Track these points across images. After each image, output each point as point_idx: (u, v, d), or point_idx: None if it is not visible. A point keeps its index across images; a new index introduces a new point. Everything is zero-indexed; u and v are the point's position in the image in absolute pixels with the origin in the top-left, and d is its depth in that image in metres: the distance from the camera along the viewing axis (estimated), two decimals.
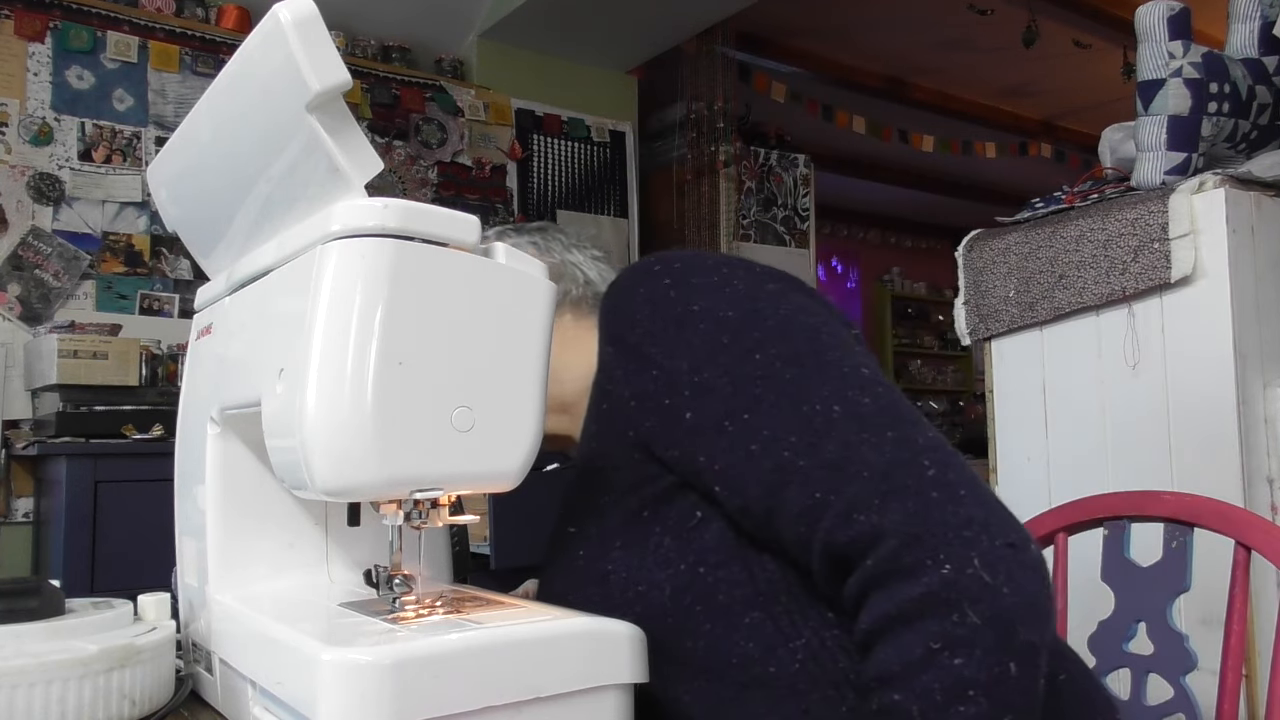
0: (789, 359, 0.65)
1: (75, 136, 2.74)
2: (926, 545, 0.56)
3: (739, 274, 0.72)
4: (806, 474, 0.61)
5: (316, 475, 0.58)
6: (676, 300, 0.70)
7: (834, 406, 0.62)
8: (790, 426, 0.62)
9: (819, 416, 0.62)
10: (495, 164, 3.50)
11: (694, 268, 0.72)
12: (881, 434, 0.61)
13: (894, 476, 0.58)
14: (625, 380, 0.72)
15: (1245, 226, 1.52)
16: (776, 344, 0.66)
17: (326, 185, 0.63)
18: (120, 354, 2.38)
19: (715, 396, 0.66)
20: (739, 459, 0.64)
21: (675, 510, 0.70)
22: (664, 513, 0.70)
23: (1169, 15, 1.59)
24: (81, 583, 2.07)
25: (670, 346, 0.69)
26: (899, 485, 0.58)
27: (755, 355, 0.66)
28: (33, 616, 0.64)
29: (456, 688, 0.54)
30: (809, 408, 0.63)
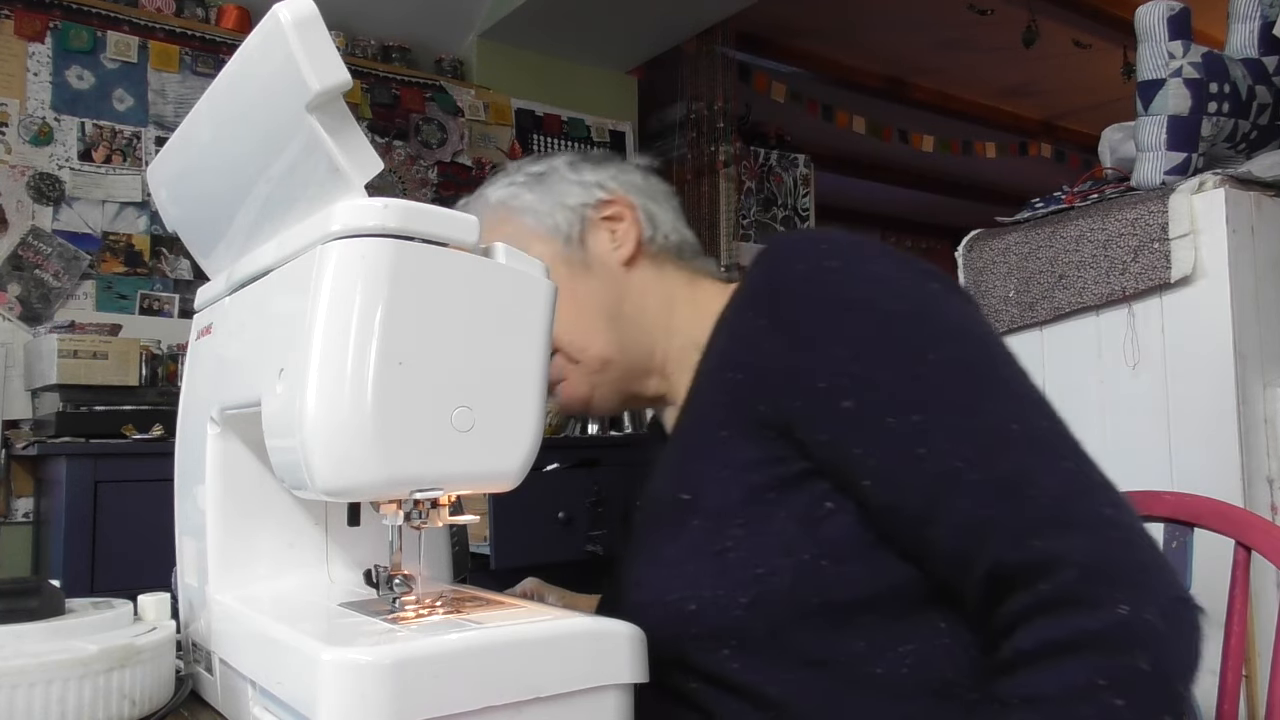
0: (963, 366, 0.64)
1: (75, 136, 2.74)
2: (1107, 581, 0.56)
3: (904, 268, 0.70)
4: (978, 489, 0.60)
5: (316, 475, 0.58)
6: (842, 283, 0.69)
7: (1011, 424, 0.62)
8: (963, 436, 0.62)
9: (994, 432, 0.61)
10: (495, 164, 3.50)
11: (860, 253, 0.71)
12: (1058, 461, 0.60)
13: (1072, 507, 0.58)
14: (773, 355, 0.70)
15: (1245, 226, 1.52)
16: (949, 348, 0.65)
17: (326, 185, 0.63)
18: (120, 354, 2.38)
19: (880, 390, 0.65)
20: (902, 459, 0.63)
21: (804, 497, 0.68)
22: (791, 498, 0.69)
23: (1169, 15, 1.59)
24: (81, 583, 2.07)
25: (831, 330, 0.67)
26: (1078, 517, 0.58)
27: (928, 355, 0.64)
28: (33, 616, 0.64)
29: (456, 688, 0.54)
30: (984, 421, 0.62)
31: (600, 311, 0.85)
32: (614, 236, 0.87)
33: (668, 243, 0.89)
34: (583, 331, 0.84)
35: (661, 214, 0.89)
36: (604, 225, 0.87)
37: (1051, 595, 0.57)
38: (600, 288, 0.85)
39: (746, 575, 0.67)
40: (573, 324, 0.83)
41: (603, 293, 0.85)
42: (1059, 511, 0.58)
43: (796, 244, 0.74)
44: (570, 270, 0.84)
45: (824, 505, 0.68)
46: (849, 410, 0.65)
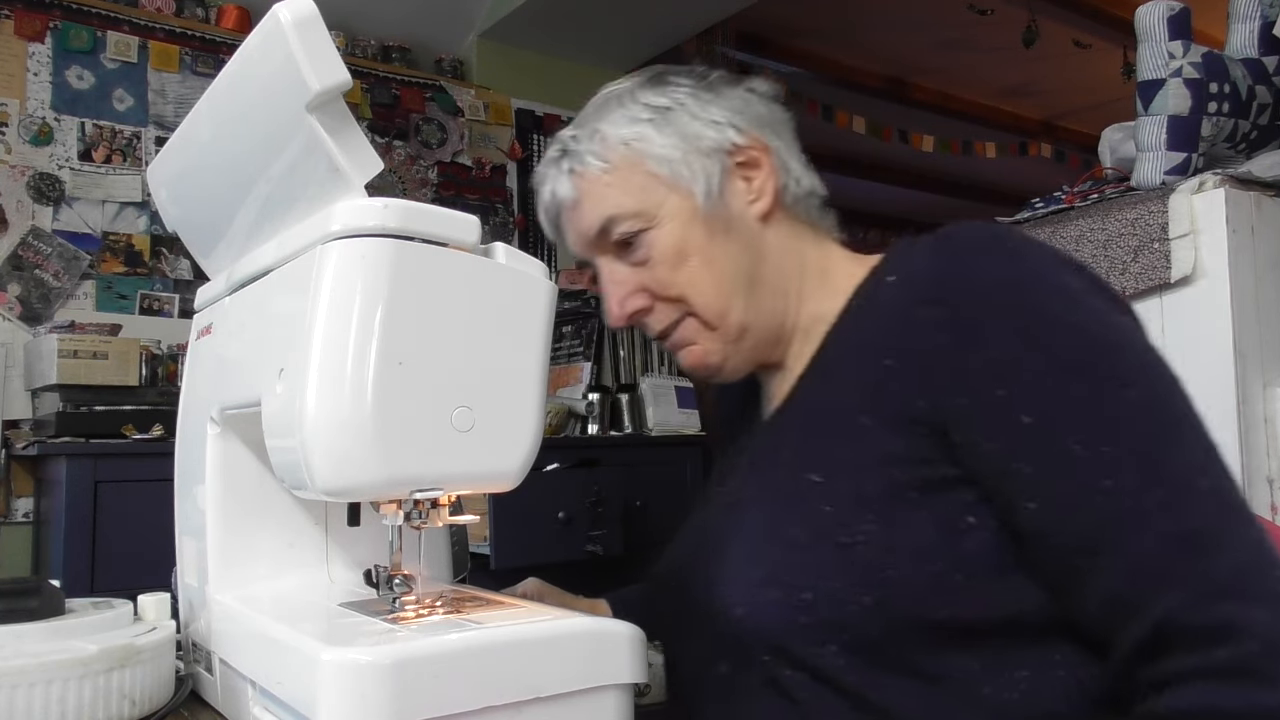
0: (1160, 407, 0.61)
1: (75, 136, 2.74)
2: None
3: (1093, 288, 0.67)
4: (1162, 536, 0.57)
5: (316, 475, 0.58)
6: (1034, 292, 0.64)
7: (1200, 477, 0.59)
8: (1154, 480, 0.59)
9: (1184, 482, 0.59)
10: (495, 164, 3.50)
11: (1051, 262, 0.67)
12: (1244, 527, 0.58)
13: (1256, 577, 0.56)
14: (944, 351, 0.65)
15: (1245, 226, 1.52)
16: (1147, 385, 0.62)
17: (326, 185, 0.63)
18: (120, 354, 2.38)
19: (1069, 413, 0.61)
20: (1081, 489, 0.60)
21: (945, 504, 0.65)
22: (932, 502, 0.65)
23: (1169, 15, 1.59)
24: (81, 583, 2.07)
25: (1019, 339, 0.63)
26: (1263, 590, 0.56)
27: (1128, 389, 0.61)
28: (33, 616, 0.65)
29: (456, 688, 0.54)
30: (1175, 468, 0.59)
31: (739, 275, 0.77)
32: (750, 187, 0.78)
33: (799, 190, 0.81)
34: (722, 297, 0.77)
35: (791, 156, 0.81)
36: (739, 173, 0.78)
37: (1227, 663, 0.55)
38: (739, 249, 0.78)
39: (874, 575, 0.64)
40: (712, 289, 0.77)
41: (742, 255, 0.78)
42: (1244, 580, 0.56)
43: (982, 238, 0.68)
44: (708, 230, 0.77)
45: (966, 518, 0.64)
46: (1028, 426, 0.61)
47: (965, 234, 0.69)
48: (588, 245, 0.80)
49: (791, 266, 0.80)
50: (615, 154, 0.77)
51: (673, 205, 0.76)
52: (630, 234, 0.77)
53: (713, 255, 0.77)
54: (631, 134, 0.77)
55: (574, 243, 0.82)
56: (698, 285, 0.77)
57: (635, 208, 0.76)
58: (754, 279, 0.78)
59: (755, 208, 0.78)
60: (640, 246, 0.77)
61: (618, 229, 0.77)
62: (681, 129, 0.77)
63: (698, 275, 0.77)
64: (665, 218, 0.76)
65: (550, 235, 0.84)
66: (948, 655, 0.63)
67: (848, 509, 0.66)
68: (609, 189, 0.77)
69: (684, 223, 0.76)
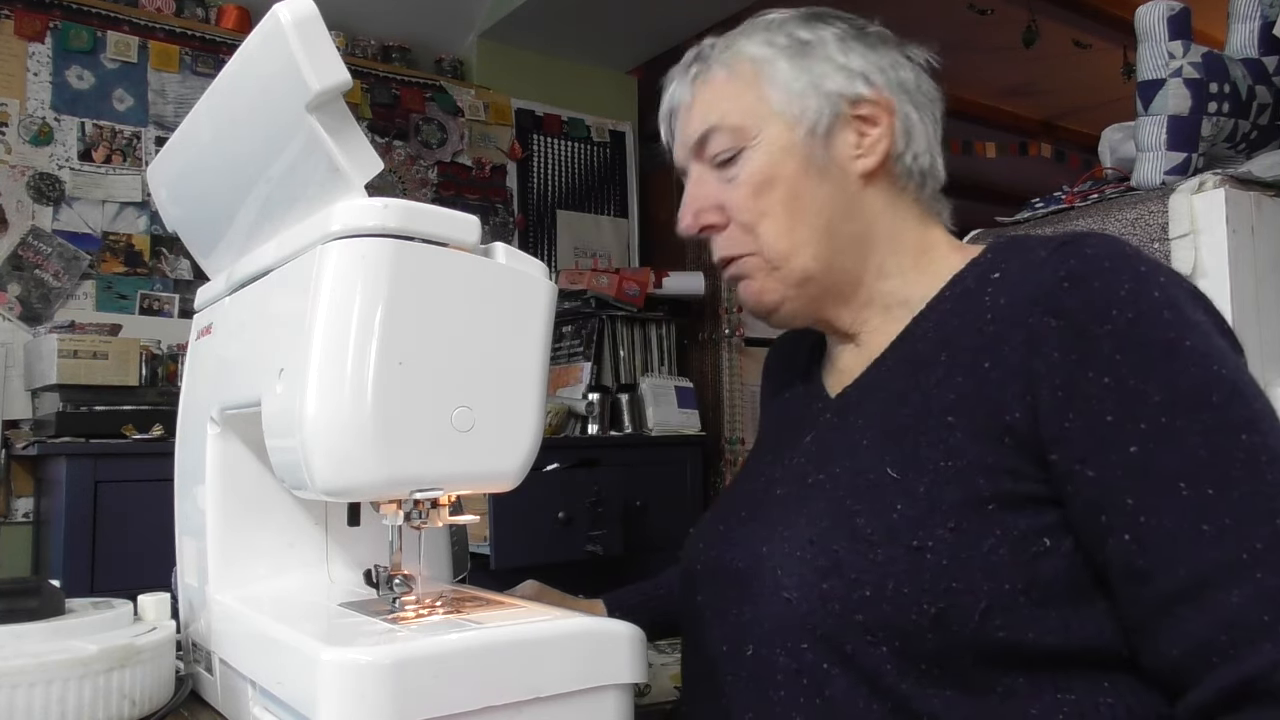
0: (1271, 458, 0.59)
1: (75, 136, 2.74)
2: None
3: (1217, 324, 0.65)
4: (1262, 588, 0.55)
5: (316, 475, 0.58)
6: (1170, 323, 0.62)
7: None
8: (1260, 531, 0.57)
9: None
10: (495, 164, 3.50)
11: (1179, 292, 0.64)
12: None
13: None
14: (1057, 364, 0.62)
15: (1245, 226, 1.52)
16: (1260, 434, 0.59)
17: (326, 185, 0.63)
18: (120, 354, 2.38)
19: (1182, 451, 0.59)
20: (1180, 528, 0.58)
21: (1024, 523, 0.62)
22: (1012, 519, 0.62)
23: (1169, 15, 1.59)
24: (81, 583, 2.07)
25: (1147, 368, 0.60)
26: None
27: (1243, 436, 0.59)
28: (33, 616, 0.64)
29: (456, 688, 0.54)
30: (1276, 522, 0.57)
31: (819, 221, 0.76)
32: (860, 142, 0.77)
33: (915, 164, 0.79)
34: (792, 238, 0.75)
35: (919, 128, 0.79)
36: (854, 125, 0.77)
37: None
38: (828, 196, 0.76)
39: (940, 584, 0.61)
40: (784, 227, 0.75)
41: (828, 203, 0.76)
42: None
43: (1114, 254, 0.65)
44: (802, 167, 0.75)
45: (1042, 540, 0.62)
46: (1135, 456, 0.59)
47: (1093, 246, 0.66)
48: (687, 152, 0.80)
49: (881, 234, 0.78)
50: (739, 68, 0.77)
51: (773, 133, 0.76)
52: (726, 151, 0.77)
53: (798, 192, 0.75)
54: (762, 55, 0.77)
55: (677, 149, 0.82)
56: (772, 218, 0.76)
57: (738, 123, 0.76)
58: (832, 231, 0.76)
59: (859, 163, 0.77)
60: (733, 165, 0.77)
61: (714, 141, 0.77)
62: (811, 65, 0.76)
63: (776, 208, 0.76)
64: (763, 142, 0.76)
65: (665, 140, 0.85)
66: (998, 672, 0.61)
67: (923, 512, 0.63)
68: (720, 100, 0.77)
69: (779, 151, 0.76)
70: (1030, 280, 0.66)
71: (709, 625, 0.73)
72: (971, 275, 0.73)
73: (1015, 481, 0.63)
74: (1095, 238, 0.67)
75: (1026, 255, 0.69)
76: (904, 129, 0.78)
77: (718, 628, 0.71)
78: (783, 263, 0.76)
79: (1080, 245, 0.66)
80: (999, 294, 0.68)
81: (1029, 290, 0.66)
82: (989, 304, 0.68)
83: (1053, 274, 0.65)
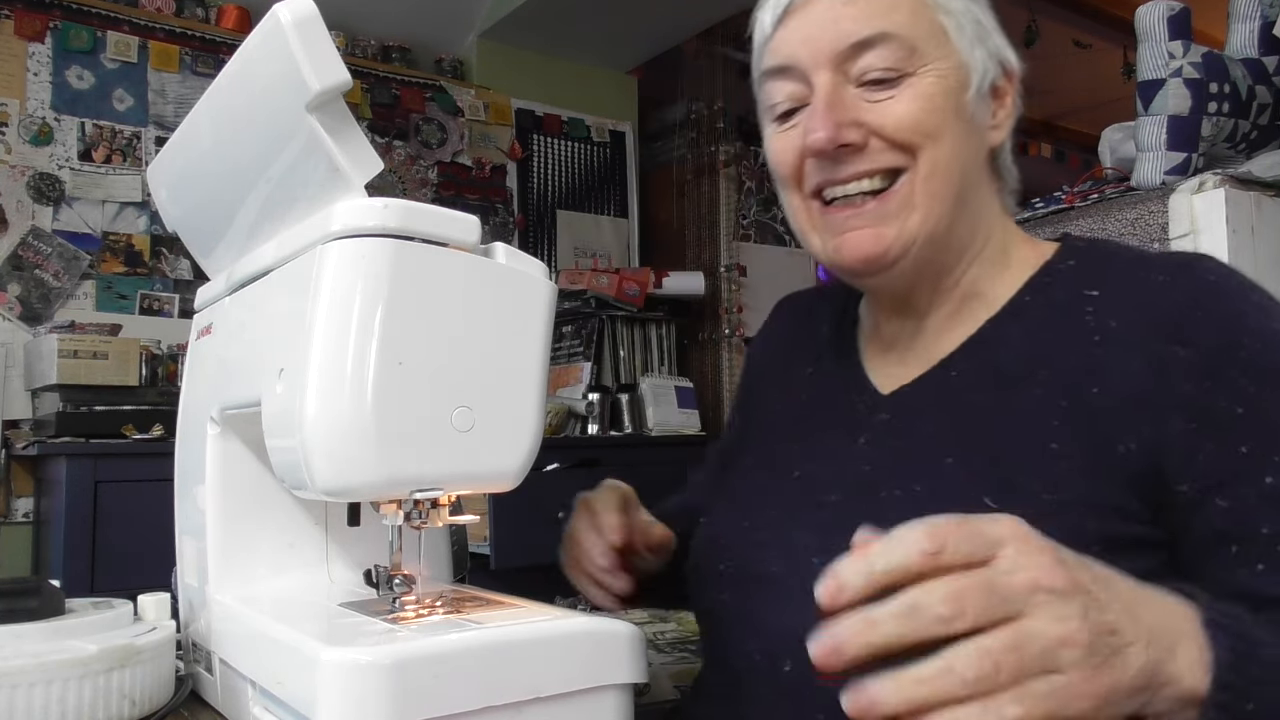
0: None
1: (75, 136, 2.74)
2: None
3: None
4: None
5: (316, 475, 0.58)
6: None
7: None
8: None
9: None
10: (495, 164, 3.50)
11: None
12: None
13: None
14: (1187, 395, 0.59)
15: (1245, 226, 1.52)
16: None
17: (326, 185, 0.63)
18: (120, 354, 2.38)
19: None
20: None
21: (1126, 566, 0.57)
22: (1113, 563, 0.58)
23: (1169, 15, 1.59)
24: (81, 583, 2.07)
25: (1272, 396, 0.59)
26: None
27: None
28: (33, 616, 0.64)
29: (456, 688, 0.54)
30: None
31: (959, 180, 0.68)
32: (996, 113, 0.71)
33: (1005, 162, 0.74)
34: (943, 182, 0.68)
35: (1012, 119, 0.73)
36: (991, 96, 0.71)
37: None
38: (971, 157, 0.69)
39: None
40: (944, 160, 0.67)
41: (970, 164, 0.69)
42: None
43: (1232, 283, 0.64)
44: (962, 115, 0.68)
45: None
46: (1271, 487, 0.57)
47: (1213, 272, 0.64)
48: (825, 55, 0.67)
49: (984, 215, 0.72)
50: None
51: (945, 67, 0.67)
52: (887, 70, 0.66)
53: (958, 134, 0.68)
54: None
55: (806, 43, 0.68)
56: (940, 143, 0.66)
57: (914, 41, 0.66)
58: (963, 197, 0.69)
59: (991, 135, 0.71)
60: (889, 87, 0.67)
61: (879, 52, 0.66)
62: (981, 16, 0.71)
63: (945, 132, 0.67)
64: (931, 73, 0.67)
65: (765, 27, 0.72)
66: None
67: None
68: (895, 8, 0.67)
69: (948, 89, 0.67)
70: (1149, 305, 0.63)
71: (735, 629, 0.69)
72: (1059, 285, 0.69)
73: (1123, 521, 0.59)
74: (1211, 262, 0.65)
75: (1137, 275, 0.65)
76: (1015, 114, 0.73)
77: (748, 635, 0.67)
78: (929, 204, 0.67)
79: (1201, 271, 0.64)
80: (1106, 314, 0.64)
81: (1151, 315, 0.62)
82: (1093, 323, 0.64)
83: (1177, 301, 0.62)
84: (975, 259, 0.72)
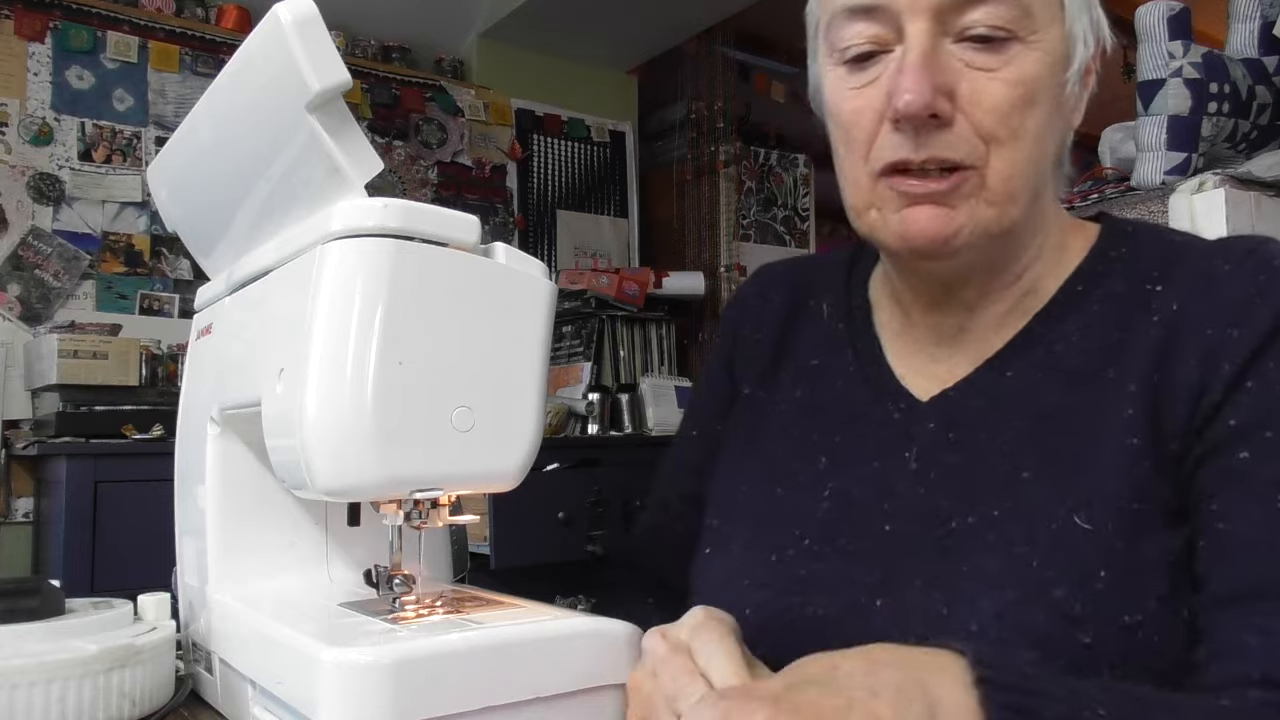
0: None
1: (75, 136, 2.74)
2: None
3: None
4: None
5: (316, 475, 0.58)
6: None
7: None
8: None
9: None
10: (495, 164, 3.50)
11: None
12: None
13: None
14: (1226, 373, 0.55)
15: (1245, 226, 1.52)
16: None
17: (326, 185, 0.63)
18: (120, 354, 2.38)
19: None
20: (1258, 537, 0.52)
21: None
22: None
23: (1169, 15, 1.59)
24: (81, 583, 2.07)
25: None
26: None
27: None
28: (33, 616, 0.64)
29: (456, 688, 0.54)
30: None
31: (1043, 168, 0.62)
32: (1082, 95, 0.65)
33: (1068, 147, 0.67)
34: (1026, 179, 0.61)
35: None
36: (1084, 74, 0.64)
37: None
38: (1057, 143, 0.63)
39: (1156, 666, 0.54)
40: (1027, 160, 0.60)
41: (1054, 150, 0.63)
42: None
43: None
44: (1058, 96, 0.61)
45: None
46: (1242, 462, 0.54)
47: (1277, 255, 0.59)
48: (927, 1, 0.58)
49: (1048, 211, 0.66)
50: None
51: (1054, 37, 0.59)
52: (999, 29, 0.58)
53: (1047, 125, 0.60)
54: None
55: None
56: (1023, 143, 0.59)
57: (1031, 2, 0.58)
58: (1041, 190, 0.63)
59: (1074, 118, 0.65)
60: (998, 51, 0.58)
61: (994, 9, 0.58)
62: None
63: (1030, 133, 0.59)
64: (1042, 42, 0.59)
65: None
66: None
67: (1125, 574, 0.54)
68: None
69: (1053, 66, 0.60)
70: (1215, 293, 0.59)
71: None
72: (1116, 274, 0.64)
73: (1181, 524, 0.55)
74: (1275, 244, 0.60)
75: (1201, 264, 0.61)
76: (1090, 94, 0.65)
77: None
78: (1004, 203, 0.60)
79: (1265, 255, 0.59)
80: (1171, 305, 0.60)
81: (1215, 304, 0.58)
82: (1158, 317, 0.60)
83: (1241, 286, 0.58)
84: (1038, 254, 0.66)
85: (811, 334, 0.75)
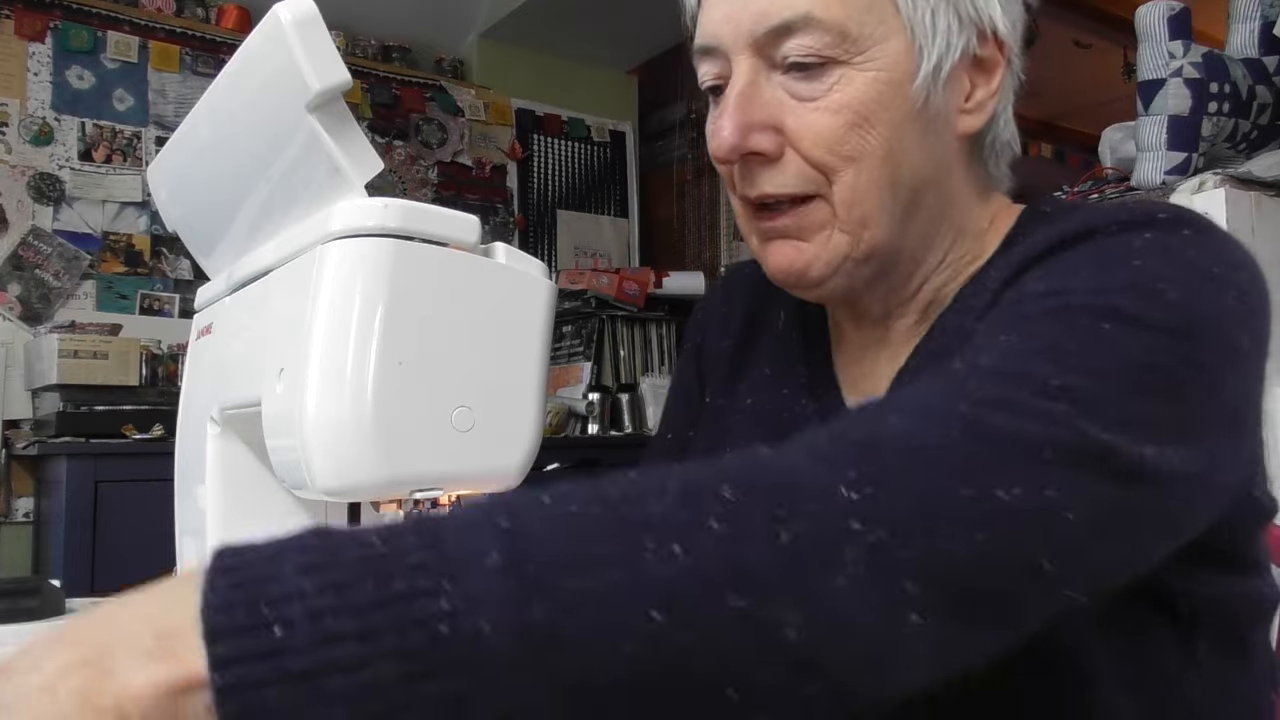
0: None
1: (75, 136, 2.74)
2: None
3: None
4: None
5: (316, 475, 0.58)
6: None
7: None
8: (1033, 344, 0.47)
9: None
10: (495, 164, 3.50)
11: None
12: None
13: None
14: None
15: (1245, 226, 1.52)
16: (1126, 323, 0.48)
17: (327, 185, 0.63)
18: (120, 354, 2.38)
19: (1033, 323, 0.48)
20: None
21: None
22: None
23: (1169, 15, 1.59)
24: (81, 583, 2.07)
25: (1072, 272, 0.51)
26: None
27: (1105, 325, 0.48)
28: (33, 616, 0.65)
29: None
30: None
31: (908, 187, 0.59)
32: (972, 94, 0.61)
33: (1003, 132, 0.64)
34: (876, 198, 0.58)
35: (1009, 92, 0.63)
36: (969, 70, 0.60)
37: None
38: (925, 157, 0.59)
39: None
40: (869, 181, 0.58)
41: (923, 166, 0.59)
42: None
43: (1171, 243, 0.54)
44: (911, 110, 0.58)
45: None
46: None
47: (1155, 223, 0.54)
48: (745, 38, 0.58)
49: (956, 215, 0.63)
50: None
51: (889, 52, 0.57)
52: (812, 56, 0.56)
53: (897, 142, 0.58)
54: None
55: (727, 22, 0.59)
56: (863, 167, 0.57)
57: (843, 24, 0.56)
58: (917, 203, 0.60)
59: (964, 121, 0.61)
60: (817, 78, 0.57)
61: (801, 37, 0.56)
62: None
63: (871, 155, 0.57)
64: (872, 61, 0.57)
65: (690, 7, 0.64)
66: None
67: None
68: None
69: (891, 82, 0.57)
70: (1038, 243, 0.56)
71: None
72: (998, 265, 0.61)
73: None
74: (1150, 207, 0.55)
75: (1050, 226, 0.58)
76: (1010, 86, 0.62)
77: None
78: (856, 229, 0.59)
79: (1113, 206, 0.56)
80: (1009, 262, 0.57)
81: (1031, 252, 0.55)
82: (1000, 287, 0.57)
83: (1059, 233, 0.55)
84: (941, 265, 0.64)
85: (768, 342, 0.75)
